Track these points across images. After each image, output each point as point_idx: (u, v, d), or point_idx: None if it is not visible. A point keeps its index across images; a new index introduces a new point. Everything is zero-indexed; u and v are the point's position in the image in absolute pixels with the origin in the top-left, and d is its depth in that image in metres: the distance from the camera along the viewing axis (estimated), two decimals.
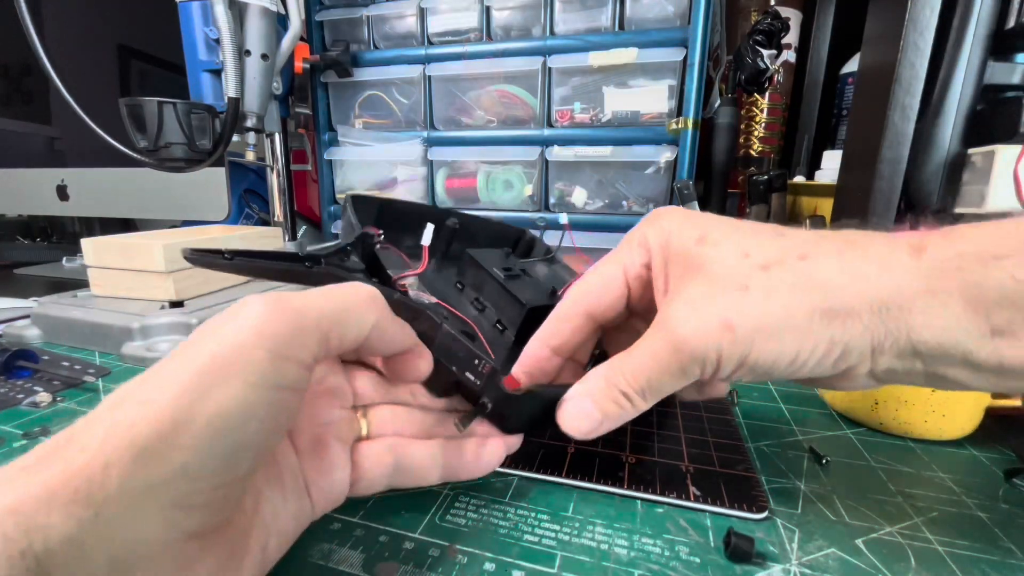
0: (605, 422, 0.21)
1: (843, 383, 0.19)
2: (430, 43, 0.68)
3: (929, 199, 0.43)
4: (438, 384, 0.23)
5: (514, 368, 0.24)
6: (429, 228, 0.29)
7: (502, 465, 0.26)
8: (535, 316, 0.27)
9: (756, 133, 0.87)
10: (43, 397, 0.33)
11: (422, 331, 0.22)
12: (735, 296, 0.18)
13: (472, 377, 0.22)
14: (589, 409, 0.21)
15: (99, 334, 0.42)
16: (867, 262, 0.18)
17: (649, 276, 0.23)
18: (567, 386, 0.22)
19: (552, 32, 0.64)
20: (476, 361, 0.22)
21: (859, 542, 0.21)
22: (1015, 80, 0.40)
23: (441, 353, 0.22)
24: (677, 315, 0.19)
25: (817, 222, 0.61)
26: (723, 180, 0.73)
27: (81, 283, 0.51)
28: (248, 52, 0.58)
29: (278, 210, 0.73)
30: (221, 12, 0.53)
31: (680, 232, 0.21)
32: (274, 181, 0.72)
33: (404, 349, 0.21)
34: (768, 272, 0.19)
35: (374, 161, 0.72)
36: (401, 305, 0.22)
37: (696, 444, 0.28)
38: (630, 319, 0.25)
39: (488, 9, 0.65)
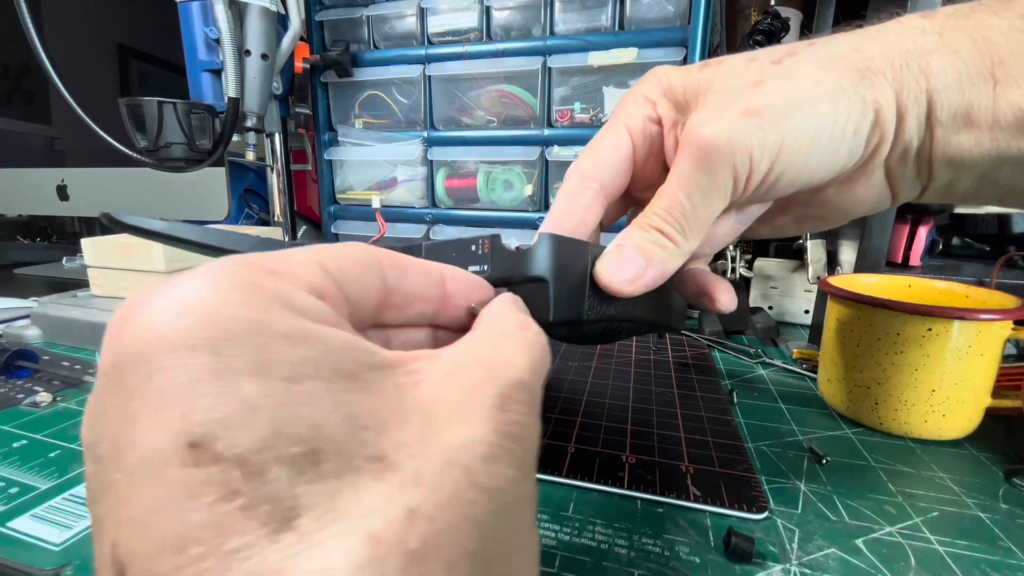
0: (651, 268, 0.19)
1: (862, 186, 0.19)
2: (430, 43, 0.68)
3: None
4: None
5: None
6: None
7: None
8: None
9: None
10: (43, 397, 0.33)
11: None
12: (752, 91, 0.18)
13: (478, 268, 0.19)
14: (630, 255, 0.19)
15: (99, 334, 0.41)
16: (882, 29, 0.18)
17: (657, 131, 0.22)
18: (598, 246, 0.20)
19: (552, 32, 0.64)
20: (472, 247, 0.19)
21: (859, 542, 0.21)
22: None
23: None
24: (695, 122, 0.18)
25: None
26: None
27: (81, 283, 0.51)
28: (248, 52, 0.58)
29: (278, 210, 0.73)
30: (221, 12, 0.53)
31: (679, 71, 0.21)
32: (274, 181, 0.72)
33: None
34: (781, 64, 0.18)
35: (374, 161, 0.72)
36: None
37: (696, 444, 0.28)
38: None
39: (488, 9, 0.65)
